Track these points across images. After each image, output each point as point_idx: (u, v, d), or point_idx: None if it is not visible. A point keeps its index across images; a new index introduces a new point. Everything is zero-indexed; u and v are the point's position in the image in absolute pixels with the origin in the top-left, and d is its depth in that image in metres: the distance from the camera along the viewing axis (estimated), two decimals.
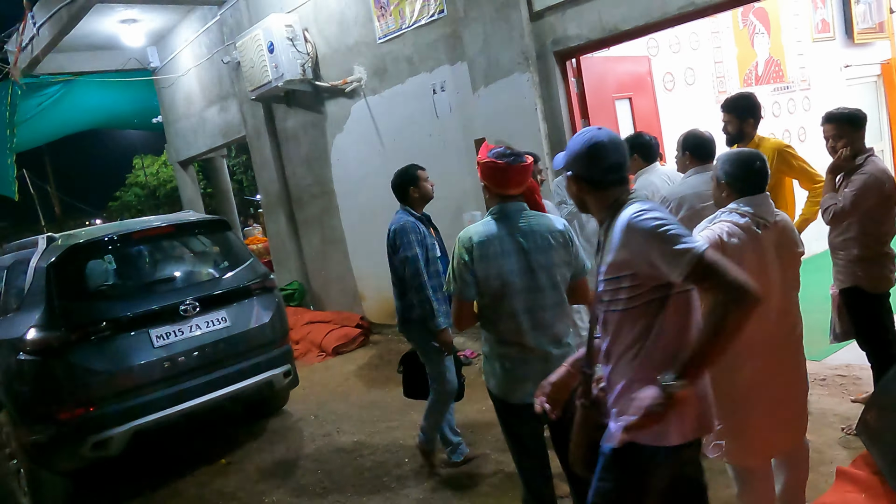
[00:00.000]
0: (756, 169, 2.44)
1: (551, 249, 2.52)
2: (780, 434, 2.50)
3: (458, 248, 2.51)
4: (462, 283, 2.50)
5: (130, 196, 27.18)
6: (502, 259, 2.47)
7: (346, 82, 6.85)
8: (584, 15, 4.65)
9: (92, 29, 8.54)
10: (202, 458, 4.82)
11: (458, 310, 2.55)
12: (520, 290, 2.48)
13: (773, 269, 2.38)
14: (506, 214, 2.53)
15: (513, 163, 2.50)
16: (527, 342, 2.51)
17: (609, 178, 1.90)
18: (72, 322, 4.07)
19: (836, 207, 3.18)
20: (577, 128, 5.05)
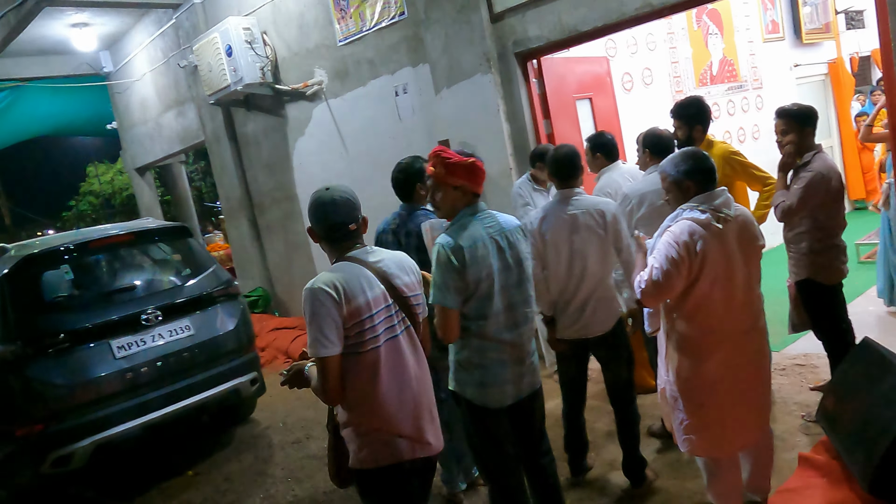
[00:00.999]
0: (710, 165, 2.52)
1: (519, 244, 2.56)
2: (746, 425, 2.57)
3: (445, 254, 2.39)
4: (454, 292, 2.40)
5: (85, 205, 26.40)
6: (489, 260, 2.46)
7: (307, 85, 6.79)
8: (544, 16, 4.70)
9: (41, 33, 8.30)
10: (169, 471, 4.72)
11: (445, 320, 2.42)
12: (502, 288, 2.50)
13: (736, 263, 2.44)
14: (480, 215, 2.54)
15: (479, 159, 2.55)
16: (507, 340, 2.51)
17: (332, 235, 2.23)
18: (28, 335, 3.95)
19: (785, 205, 3.28)
20: (539, 128, 5.11)
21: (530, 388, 2.63)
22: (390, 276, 2.23)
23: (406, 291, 2.26)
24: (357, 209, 2.26)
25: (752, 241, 2.53)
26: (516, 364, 2.55)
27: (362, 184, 6.60)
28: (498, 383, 2.54)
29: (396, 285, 2.24)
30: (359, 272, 2.17)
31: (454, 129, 5.36)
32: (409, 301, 2.27)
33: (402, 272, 2.28)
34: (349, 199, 2.23)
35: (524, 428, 2.70)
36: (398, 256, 2.34)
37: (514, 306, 2.53)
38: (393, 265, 2.27)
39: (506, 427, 2.63)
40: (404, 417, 2.21)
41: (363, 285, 2.14)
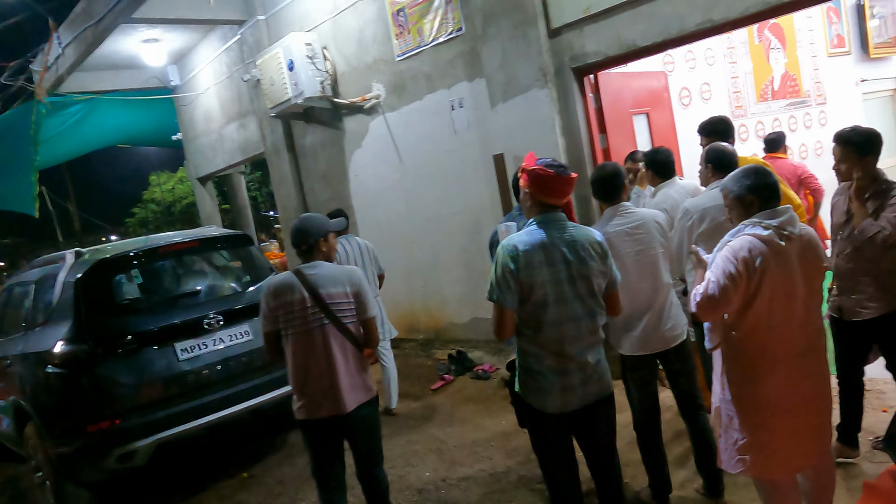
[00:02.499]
0: (773, 180, 2.48)
1: (591, 259, 2.56)
2: (805, 447, 2.50)
3: (503, 256, 2.50)
4: (506, 292, 2.49)
5: (146, 212, 27.44)
6: (547, 268, 2.49)
7: (365, 99, 6.94)
8: (602, 32, 4.71)
9: (115, 48, 8.71)
10: (224, 472, 4.85)
11: (499, 318, 2.54)
12: (562, 299, 2.51)
13: (797, 282, 2.39)
14: (549, 224, 2.57)
15: (561, 173, 2.57)
16: (567, 351, 2.52)
17: (296, 250, 3.13)
18: (99, 335, 4.12)
19: (885, 234, 3.09)
20: (595, 142, 5.10)
21: (596, 395, 2.61)
22: (318, 286, 2.99)
23: (326, 299, 2.98)
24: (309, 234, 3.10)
25: (816, 260, 2.47)
26: (577, 372, 2.55)
27: (416, 195, 6.73)
28: (557, 390, 2.55)
29: (320, 294, 2.98)
30: (292, 280, 3.01)
31: (509, 142, 5.40)
32: (329, 306, 3.01)
33: (330, 284, 3.02)
34: (305, 223, 3.14)
35: (589, 437, 2.69)
36: (334, 271, 3.08)
37: (576, 318, 2.53)
38: (322, 278, 3.02)
39: (565, 434, 2.64)
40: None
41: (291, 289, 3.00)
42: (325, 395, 3.00)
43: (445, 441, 4.32)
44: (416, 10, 6.22)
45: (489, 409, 5.14)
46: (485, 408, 5.19)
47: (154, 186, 26.76)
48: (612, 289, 2.67)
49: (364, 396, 3.09)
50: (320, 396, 3.01)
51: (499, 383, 5.56)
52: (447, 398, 5.52)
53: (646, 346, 3.11)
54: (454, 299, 6.69)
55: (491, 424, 4.82)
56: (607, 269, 2.63)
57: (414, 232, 6.82)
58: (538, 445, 2.71)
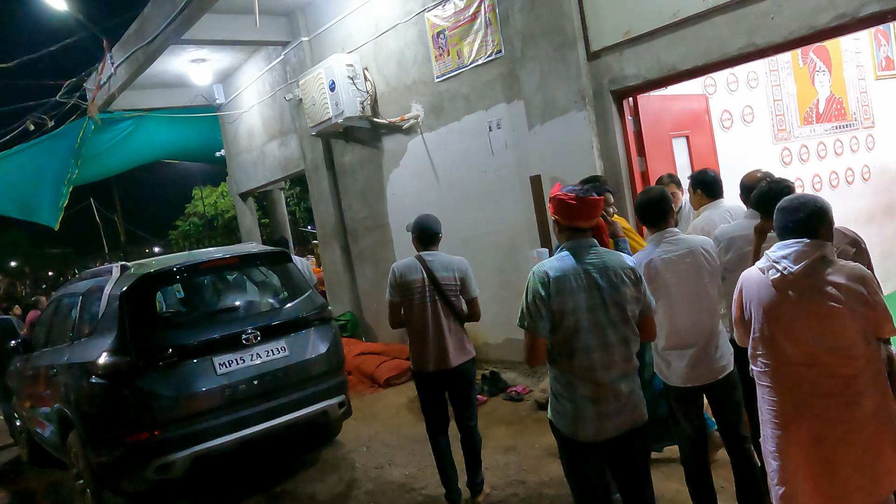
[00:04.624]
0: (798, 216, 2.34)
1: (623, 285, 2.53)
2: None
3: (534, 282, 2.51)
4: (537, 319, 2.49)
5: (188, 225, 28.13)
6: (578, 294, 2.48)
7: (404, 119, 7.04)
8: (641, 55, 4.70)
9: (164, 68, 9.01)
10: (257, 486, 4.90)
11: (531, 345, 2.54)
12: (594, 325, 2.49)
13: (802, 321, 2.27)
14: (578, 250, 2.56)
15: (583, 195, 2.56)
16: (599, 378, 2.50)
17: (418, 241, 3.99)
18: (141, 348, 4.22)
19: None
20: (633, 165, 5.07)
21: (630, 424, 2.57)
22: (434, 270, 3.83)
23: (440, 280, 3.82)
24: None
25: (824, 300, 2.23)
26: (611, 400, 2.52)
27: (452, 215, 6.76)
28: (590, 418, 2.52)
29: (436, 276, 3.81)
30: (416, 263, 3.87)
31: (546, 164, 5.40)
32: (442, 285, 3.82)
33: (442, 269, 3.85)
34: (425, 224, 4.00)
35: (623, 467, 2.65)
36: (446, 258, 3.92)
37: (609, 345, 2.51)
38: (437, 263, 3.86)
39: (597, 463, 2.60)
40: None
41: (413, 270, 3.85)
42: (436, 353, 3.84)
43: None
44: (456, 33, 6.30)
45: (522, 431, 5.10)
46: (518, 430, 5.15)
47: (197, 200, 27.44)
48: (647, 314, 2.64)
49: (464, 357, 3.93)
50: (432, 355, 3.85)
51: (532, 406, 5.51)
52: (480, 419, 5.46)
53: (693, 377, 3.03)
54: (488, 319, 6.63)
55: (524, 447, 4.78)
56: (641, 295, 2.60)
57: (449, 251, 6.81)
58: (570, 473, 2.68)
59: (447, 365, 3.87)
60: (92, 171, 12.68)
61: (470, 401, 4.02)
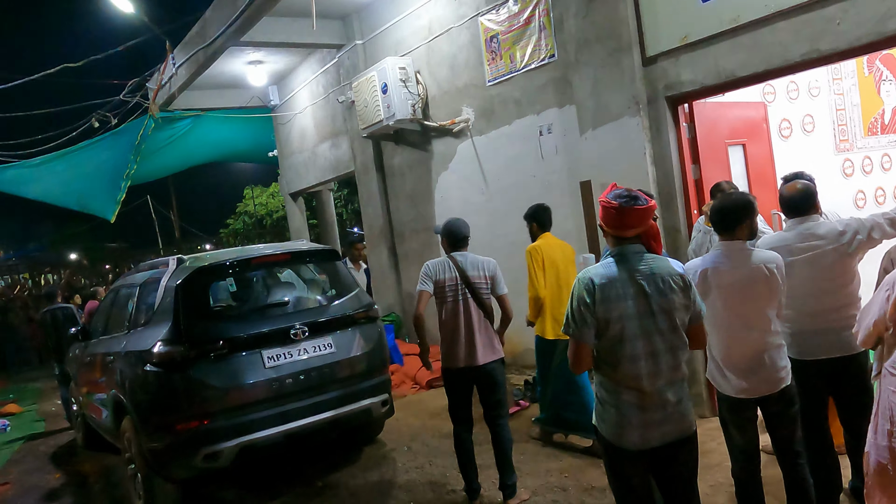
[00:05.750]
0: None
1: (672, 293, 2.48)
2: None
3: (579, 289, 2.48)
4: (581, 326, 2.47)
5: (239, 224, 28.74)
6: (624, 302, 2.44)
7: (454, 123, 7.07)
8: (699, 61, 4.61)
9: (222, 69, 9.27)
10: (299, 479, 4.97)
11: (575, 353, 2.52)
12: (641, 333, 2.45)
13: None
14: (625, 257, 2.52)
15: (626, 205, 2.49)
16: (646, 387, 2.45)
17: (448, 242, 4.21)
18: (194, 339, 4.33)
19: None
20: (687, 173, 4.98)
21: (676, 435, 2.52)
22: (465, 269, 3.99)
23: (471, 279, 3.99)
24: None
25: None
26: (656, 409, 2.47)
27: (500, 219, 6.75)
28: (634, 426, 2.48)
29: (467, 275, 3.98)
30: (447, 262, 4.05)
31: (597, 170, 5.34)
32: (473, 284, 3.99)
33: (473, 268, 4.01)
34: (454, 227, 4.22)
35: (667, 478, 2.59)
36: (475, 258, 4.08)
37: (656, 354, 2.46)
38: (468, 263, 4.03)
39: (642, 472, 2.55)
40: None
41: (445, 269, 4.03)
42: (465, 350, 3.96)
43: (519, 468, 4.26)
44: (509, 37, 6.31)
45: (565, 439, 5.04)
46: (559, 437, 5.09)
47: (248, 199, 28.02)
48: (696, 322, 2.58)
49: (494, 356, 4.03)
50: (462, 352, 3.96)
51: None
52: (521, 424, 5.45)
53: (747, 389, 2.95)
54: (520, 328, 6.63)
55: (566, 455, 4.73)
56: (690, 303, 2.54)
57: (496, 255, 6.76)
58: (614, 480, 2.64)
59: (476, 362, 3.97)
60: (150, 168, 13.11)
61: (499, 399, 4.10)
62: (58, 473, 6.17)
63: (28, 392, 11.30)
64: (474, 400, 4.15)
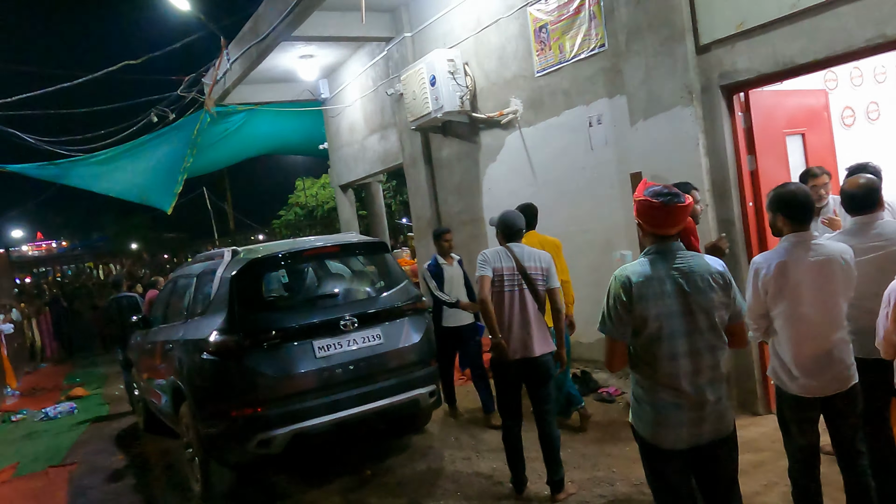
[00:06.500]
0: None
1: (711, 291, 2.44)
2: None
3: (615, 286, 2.47)
4: (617, 324, 2.46)
5: (291, 215, 29.34)
6: (661, 300, 2.41)
7: (502, 114, 7.04)
8: (756, 48, 4.47)
9: (275, 63, 9.44)
10: (348, 467, 5.07)
11: (611, 351, 2.51)
12: (678, 332, 2.42)
13: None
14: (663, 254, 2.48)
15: (668, 203, 2.45)
16: (682, 386, 2.42)
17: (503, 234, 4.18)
18: (248, 329, 4.45)
19: None
20: (742, 164, 4.84)
21: (713, 435, 2.49)
22: (521, 260, 3.97)
23: (528, 270, 3.96)
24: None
25: None
26: (694, 409, 2.44)
27: (548, 211, 6.68)
28: (671, 425, 2.45)
29: (524, 265, 3.95)
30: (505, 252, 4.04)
31: (648, 161, 5.25)
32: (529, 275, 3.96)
33: (529, 259, 3.99)
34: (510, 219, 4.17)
35: (708, 479, 2.55)
36: (531, 250, 4.05)
37: (695, 353, 2.43)
38: (524, 254, 4.01)
39: (681, 471, 2.52)
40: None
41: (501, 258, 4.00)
42: (520, 342, 3.94)
43: (566, 461, 4.25)
44: (558, 27, 6.23)
45: (613, 433, 5.01)
46: (608, 432, 5.06)
47: (299, 191, 28.58)
48: (737, 320, 2.53)
49: (547, 348, 4.02)
50: (517, 343, 3.94)
51: (624, 408, 5.39)
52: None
53: (813, 388, 2.86)
54: (581, 318, 6.55)
55: (614, 450, 4.69)
56: (730, 301, 2.49)
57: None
58: (651, 479, 2.61)
59: (530, 353, 3.95)
60: (205, 161, 13.50)
61: (549, 393, 4.09)
62: (121, 455, 6.45)
63: (93, 376, 11.83)
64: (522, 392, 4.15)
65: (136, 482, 5.59)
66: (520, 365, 3.98)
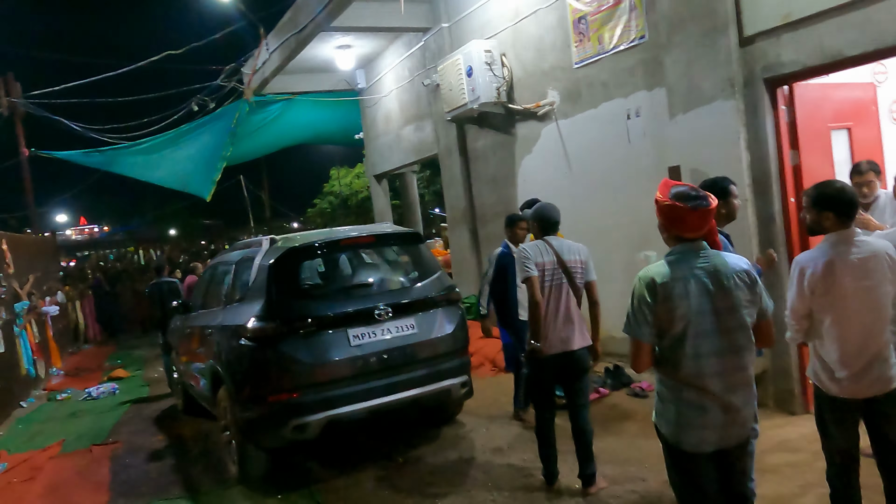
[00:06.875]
0: None
1: (737, 289, 2.41)
2: None
3: (640, 287, 2.45)
4: (642, 324, 2.44)
5: (325, 203, 29.59)
6: (686, 300, 2.39)
7: (539, 106, 7.00)
8: (802, 40, 4.36)
9: (313, 53, 9.54)
10: (380, 454, 5.14)
11: (636, 351, 2.49)
12: (704, 332, 2.40)
13: None
14: (687, 254, 2.45)
15: (697, 207, 2.40)
16: (708, 386, 2.40)
17: (540, 227, 4.19)
18: (285, 316, 4.54)
19: None
20: (784, 158, 4.75)
21: (736, 440, 2.47)
22: (561, 253, 3.96)
23: (568, 263, 3.96)
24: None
25: None
26: (721, 411, 2.41)
27: (583, 204, 6.67)
28: (694, 426, 2.43)
29: (563, 259, 3.95)
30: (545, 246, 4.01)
31: (686, 154, 5.18)
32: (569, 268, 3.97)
33: (568, 253, 3.98)
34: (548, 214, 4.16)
35: (727, 482, 2.54)
36: (569, 243, 4.06)
37: (719, 353, 2.40)
38: (563, 248, 3.99)
39: (704, 473, 2.49)
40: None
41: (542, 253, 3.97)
42: (560, 336, 3.95)
43: (597, 455, 4.24)
44: (598, 18, 6.17)
45: (644, 429, 4.96)
46: (640, 428, 5.03)
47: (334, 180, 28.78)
48: (763, 318, 2.50)
49: (584, 342, 4.02)
50: (556, 337, 3.94)
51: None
52: (600, 412, 5.41)
53: (857, 389, 2.80)
54: (614, 312, 6.47)
55: (646, 445, 4.65)
56: (756, 299, 2.46)
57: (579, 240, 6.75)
58: (674, 479, 2.60)
59: (570, 347, 3.96)
60: (243, 150, 13.72)
61: (584, 387, 4.10)
62: (161, 435, 6.64)
63: (133, 359, 12.17)
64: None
65: (175, 462, 5.75)
66: (557, 359, 3.97)
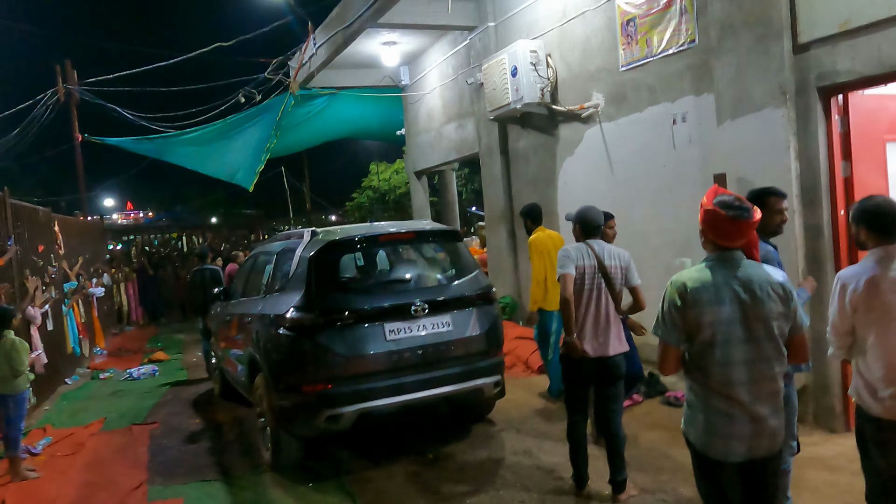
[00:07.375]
0: None
1: (769, 301, 2.41)
2: None
3: (671, 291, 2.49)
4: (672, 328, 2.48)
5: (364, 198, 29.84)
6: (716, 307, 2.41)
7: (583, 108, 6.95)
8: (859, 48, 4.25)
9: (358, 49, 9.64)
10: (411, 449, 5.18)
11: (663, 354, 2.54)
12: (733, 339, 2.41)
13: None
14: (722, 262, 2.48)
15: (737, 217, 2.42)
16: (737, 396, 2.41)
17: (582, 230, 4.12)
18: (324, 307, 4.61)
19: None
20: (836, 170, 4.63)
21: (766, 451, 2.46)
22: (602, 257, 3.91)
23: (608, 268, 3.91)
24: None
25: None
26: (749, 422, 2.41)
27: (624, 209, 6.59)
28: (721, 435, 2.44)
29: (604, 263, 3.90)
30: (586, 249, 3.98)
31: (734, 163, 5.08)
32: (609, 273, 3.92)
33: (609, 257, 3.93)
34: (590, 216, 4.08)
35: (752, 493, 2.52)
36: (610, 248, 4.02)
37: (748, 362, 2.41)
38: (605, 252, 3.95)
39: (731, 483, 2.49)
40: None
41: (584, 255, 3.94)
42: (597, 340, 3.91)
43: (629, 462, 4.20)
44: (647, 21, 6.09)
45: (678, 438, 4.85)
46: (673, 437, 4.96)
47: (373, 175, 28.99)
48: (797, 332, 2.49)
49: (621, 348, 4.00)
50: (593, 342, 3.90)
51: None
52: (633, 419, 5.36)
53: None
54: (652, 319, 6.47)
55: (679, 455, 4.60)
56: (790, 313, 2.45)
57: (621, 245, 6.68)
58: (701, 487, 2.62)
59: (607, 352, 3.93)
60: (287, 143, 13.94)
61: (618, 392, 4.07)
62: (197, 419, 6.80)
63: (173, 342, 12.47)
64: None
65: (210, 445, 5.89)
66: (593, 363, 3.95)
